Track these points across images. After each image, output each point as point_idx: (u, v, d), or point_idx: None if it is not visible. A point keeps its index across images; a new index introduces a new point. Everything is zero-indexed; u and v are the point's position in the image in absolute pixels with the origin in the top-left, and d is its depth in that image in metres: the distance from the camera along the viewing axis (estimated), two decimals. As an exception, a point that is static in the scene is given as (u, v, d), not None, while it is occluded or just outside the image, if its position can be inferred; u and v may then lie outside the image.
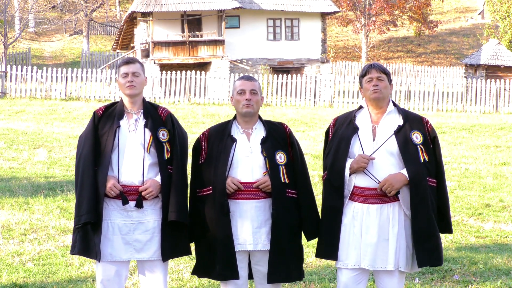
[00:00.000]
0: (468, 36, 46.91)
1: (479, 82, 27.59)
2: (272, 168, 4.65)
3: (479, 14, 50.53)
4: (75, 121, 19.91)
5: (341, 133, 4.69)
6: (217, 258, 4.66)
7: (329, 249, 4.66)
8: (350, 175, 4.58)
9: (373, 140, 4.60)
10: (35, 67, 26.62)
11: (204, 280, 6.12)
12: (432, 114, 24.93)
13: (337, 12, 33.82)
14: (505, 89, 27.14)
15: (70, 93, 25.58)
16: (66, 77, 25.73)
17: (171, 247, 4.70)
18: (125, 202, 4.62)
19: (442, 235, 8.22)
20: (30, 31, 48.26)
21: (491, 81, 27.53)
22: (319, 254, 4.75)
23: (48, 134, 16.72)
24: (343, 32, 46.84)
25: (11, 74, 25.85)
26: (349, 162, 4.57)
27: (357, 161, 4.53)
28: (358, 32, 40.48)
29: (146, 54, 30.66)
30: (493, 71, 30.57)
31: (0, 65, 31.26)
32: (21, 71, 26.08)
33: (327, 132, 4.85)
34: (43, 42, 46.72)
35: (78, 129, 17.65)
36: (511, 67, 30.54)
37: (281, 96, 27.01)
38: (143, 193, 4.63)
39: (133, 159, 4.66)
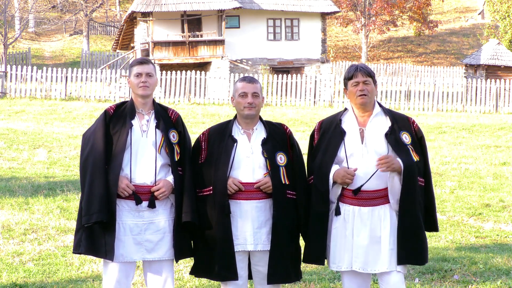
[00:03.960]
0: (468, 36, 46.88)
1: (479, 82, 27.59)
2: (272, 169, 4.66)
3: (479, 14, 50.51)
4: (75, 121, 19.90)
5: (328, 137, 4.66)
6: (217, 258, 4.67)
7: (316, 254, 4.67)
8: (333, 186, 4.57)
9: (362, 143, 4.57)
10: (35, 67, 26.63)
11: (204, 280, 6.12)
12: (432, 114, 24.93)
13: (337, 12, 33.83)
14: (505, 89, 27.14)
15: (70, 93, 25.59)
16: (66, 77, 25.73)
17: (183, 248, 4.73)
18: (138, 202, 4.62)
19: (442, 235, 8.27)
20: (30, 31, 48.22)
21: (491, 81, 27.53)
22: (306, 259, 4.74)
23: (48, 134, 16.72)
24: (343, 32, 46.82)
25: (11, 74, 25.84)
26: (333, 168, 4.55)
27: (342, 176, 4.50)
28: (358, 32, 40.46)
29: (146, 54, 30.65)
30: (493, 71, 30.55)
31: (0, 65, 31.24)
32: (21, 71, 26.08)
33: (312, 136, 4.81)
34: (43, 42, 46.69)
35: (78, 129, 17.65)
36: (511, 67, 30.51)
37: (281, 96, 27.00)
38: (155, 193, 4.63)
39: (146, 159, 4.66)
